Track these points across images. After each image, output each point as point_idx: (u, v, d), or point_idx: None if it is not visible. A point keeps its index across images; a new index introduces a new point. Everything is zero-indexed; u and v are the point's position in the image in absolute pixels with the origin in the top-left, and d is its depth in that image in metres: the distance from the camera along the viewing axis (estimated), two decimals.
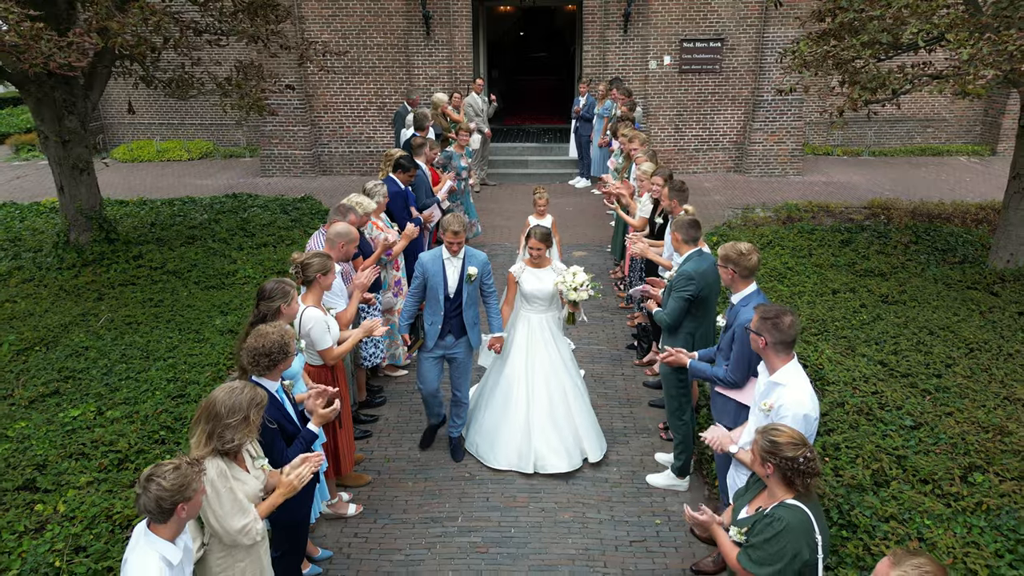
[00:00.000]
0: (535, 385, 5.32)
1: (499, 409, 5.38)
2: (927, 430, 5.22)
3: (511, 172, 13.53)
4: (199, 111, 16.17)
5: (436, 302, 5.09)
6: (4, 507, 4.62)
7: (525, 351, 5.35)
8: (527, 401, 5.30)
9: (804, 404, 3.21)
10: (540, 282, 5.27)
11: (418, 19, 12.99)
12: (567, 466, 5.22)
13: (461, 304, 5.14)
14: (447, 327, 5.15)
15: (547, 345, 5.36)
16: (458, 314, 5.16)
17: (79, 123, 8.06)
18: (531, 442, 5.27)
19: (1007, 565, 4.00)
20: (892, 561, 2.21)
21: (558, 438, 5.27)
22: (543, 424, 5.27)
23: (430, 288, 5.10)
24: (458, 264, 5.08)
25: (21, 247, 9.14)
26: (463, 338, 5.23)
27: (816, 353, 6.26)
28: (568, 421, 5.31)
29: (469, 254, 5.16)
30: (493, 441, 5.37)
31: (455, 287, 5.10)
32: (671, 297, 4.83)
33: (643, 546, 4.67)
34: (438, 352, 5.24)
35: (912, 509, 4.42)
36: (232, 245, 9.19)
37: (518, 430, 5.29)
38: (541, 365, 5.33)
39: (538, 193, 7.29)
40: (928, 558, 2.17)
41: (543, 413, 5.29)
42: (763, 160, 13.39)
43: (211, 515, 2.89)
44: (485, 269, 5.20)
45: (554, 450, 5.25)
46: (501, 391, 5.40)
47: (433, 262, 5.08)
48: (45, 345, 6.70)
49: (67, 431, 5.36)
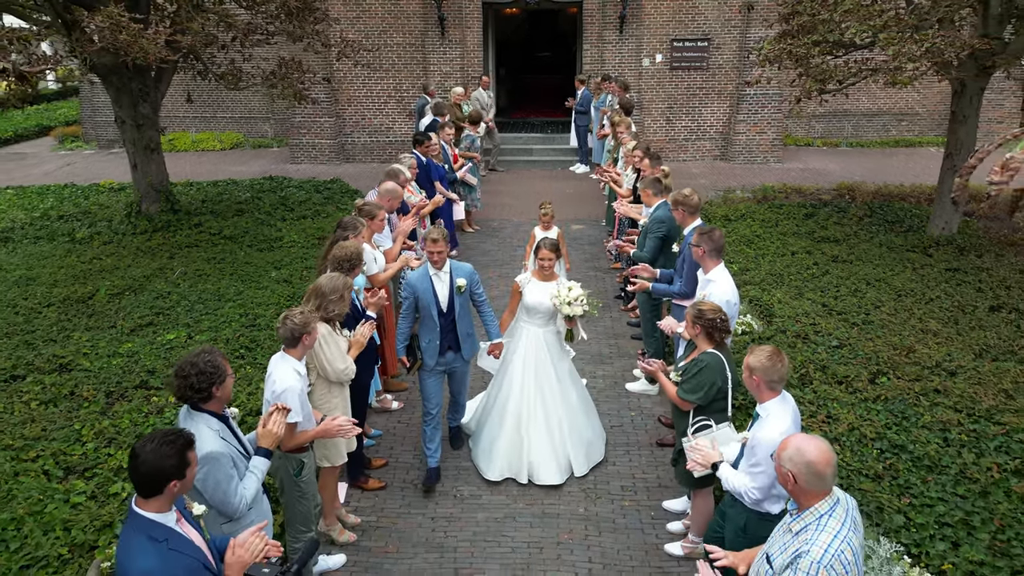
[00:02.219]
0: (532, 400, 5.35)
1: (496, 423, 5.45)
2: (848, 349, 6.59)
3: (518, 159, 14.90)
4: (229, 105, 17.58)
5: (431, 320, 5.10)
6: (129, 401, 6.01)
7: (522, 366, 5.39)
8: (524, 416, 5.34)
9: (727, 293, 4.60)
10: (544, 295, 5.26)
11: (434, 21, 14.38)
12: (559, 479, 5.31)
13: (454, 318, 5.17)
14: (446, 342, 5.17)
15: (545, 360, 5.37)
16: (453, 328, 5.18)
17: (151, 110, 9.48)
18: (526, 456, 5.33)
19: (891, 432, 5.36)
20: (749, 351, 3.56)
21: (552, 452, 5.33)
22: (539, 438, 5.32)
23: (423, 307, 5.09)
24: (446, 279, 5.09)
25: (94, 218, 10.57)
26: (460, 352, 5.28)
27: (769, 296, 7.63)
28: (562, 436, 5.37)
29: (455, 267, 5.18)
30: (490, 453, 5.43)
31: (447, 301, 5.11)
32: (647, 239, 6.20)
33: (620, 430, 6.04)
34: (439, 369, 5.29)
35: (825, 398, 5.79)
36: (275, 217, 10.60)
37: (514, 443, 5.35)
38: (539, 380, 5.35)
39: (544, 208, 7.12)
40: (774, 348, 3.52)
41: (539, 428, 5.33)
42: (746, 149, 14.74)
43: (323, 358, 4.27)
44: (473, 279, 5.23)
45: (547, 463, 5.32)
46: (499, 405, 5.46)
47: (421, 280, 5.06)
48: (133, 291, 8.10)
49: (166, 349, 6.77)
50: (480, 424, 5.65)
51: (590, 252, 10.07)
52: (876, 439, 5.29)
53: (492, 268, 9.43)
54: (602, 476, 5.50)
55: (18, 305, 7.72)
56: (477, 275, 5.30)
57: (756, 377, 3.41)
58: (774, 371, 3.36)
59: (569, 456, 5.37)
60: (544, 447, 5.31)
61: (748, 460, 3.44)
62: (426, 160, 8.17)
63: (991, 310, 7.48)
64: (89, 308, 7.67)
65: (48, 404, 5.91)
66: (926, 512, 4.57)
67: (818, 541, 2.56)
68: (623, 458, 5.69)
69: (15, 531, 4.47)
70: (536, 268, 5.32)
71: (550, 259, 5.21)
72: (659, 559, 4.68)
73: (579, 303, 5.12)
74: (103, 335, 7.06)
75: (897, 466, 5.03)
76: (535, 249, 5.40)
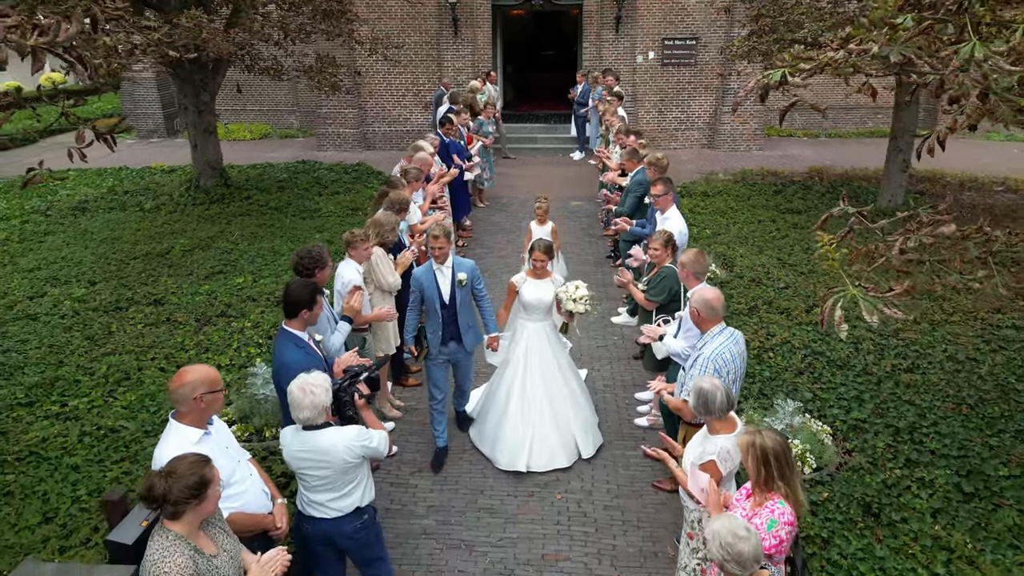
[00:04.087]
0: (533, 391, 5.60)
1: (500, 414, 5.68)
2: (792, 290, 8.11)
3: (524, 147, 16.43)
4: (258, 98, 19.13)
5: (434, 312, 5.40)
6: (215, 325, 7.56)
7: (523, 359, 5.64)
8: (526, 406, 5.58)
9: (679, 226, 6.13)
10: (540, 292, 5.51)
11: (448, 21, 15.92)
12: (564, 462, 5.57)
13: (456, 310, 5.45)
14: (447, 333, 5.46)
15: (544, 353, 5.64)
16: (454, 320, 5.46)
17: (209, 98, 11.04)
18: (529, 444, 5.55)
19: (815, 344, 6.87)
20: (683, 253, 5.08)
21: (554, 439, 5.59)
22: (542, 427, 5.58)
23: (427, 300, 5.39)
24: (448, 273, 5.38)
25: (157, 192, 12.15)
26: (462, 343, 5.56)
27: (733, 252, 9.16)
28: (564, 423, 5.65)
29: (457, 262, 5.46)
30: (495, 443, 5.67)
31: (448, 294, 5.38)
32: (627, 198, 7.73)
33: (605, 349, 7.55)
34: (443, 358, 5.58)
35: (768, 322, 7.30)
36: (312, 192, 12.16)
37: (517, 433, 5.58)
38: (538, 372, 5.62)
39: (539, 202, 7.49)
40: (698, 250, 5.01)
41: (540, 417, 5.58)
42: (730, 138, 16.23)
43: (379, 273, 5.78)
44: (474, 274, 5.50)
45: (550, 450, 5.58)
46: (502, 396, 5.70)
47: (426, 275, 5.36)
48: (201, 248, 9.66)
49: (237, 289, 8.32)
50: (484, 415, 5.88)
51: (585, 223, 11.56)
52: (802, 348, 6.82)
53: (500, 235, 10.94)
54: (590, 380, 7.01)
55: (109, 258, 9.29)
56: (478, 271, 5.57)
57: (686, 270, 4.92)
58: (698, 264, 4.87)
59: (576, 439, 5.67)
60: (551, 434, 5.57)
61: (683, 328, 4.95)
62: (447, 140, 9.70)
63: (917, 263, 8.96)
64: (168, 261, 9.23)
65: (151, 326, 7.47)
66: (830, 391, 6.09)
67: (709, 346, 4.10)
68: (606, 367, 7.21)
69: (151, 401, 6.03)
70: (531, 268, 5.58)
71: (543, 260, 5.47)
72: (630, 429, 6.18)
73: (583, 302, 5.42)
74: (184, 280, 8.62)
75: (815, 365, 6.55)
76: (529, 250, 5.63)
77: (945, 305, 7.79)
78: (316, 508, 3.66)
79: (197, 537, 2.83)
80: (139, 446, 5.45)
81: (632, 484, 5.46)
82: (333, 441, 3.52)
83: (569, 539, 4.93)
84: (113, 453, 5.39)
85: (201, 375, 3.26)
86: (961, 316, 7.55)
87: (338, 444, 3.52)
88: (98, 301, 7.97)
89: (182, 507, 2.74)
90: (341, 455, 3.52)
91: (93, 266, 9.00)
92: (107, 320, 7.56)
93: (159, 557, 2.70)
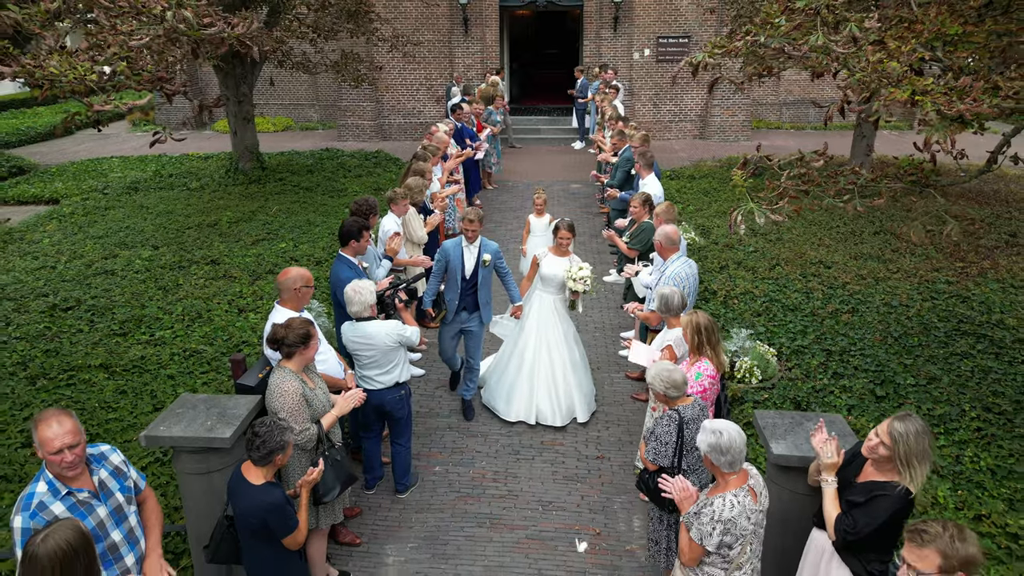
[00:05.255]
0: (541, 356, 6.20)
1: (513, 374, 6.28)
2: (760, 253, 9.39)
3: (529, 137, 17.75)
4: (280, 93, 20.47)
5: (455, 282, 5.97)
6: (265, 279, 8.87)
7: (536, 326, 6.23)
8: (535, 368, 6.20)
9: (655, 189, 7.43)
10: (558, 267, 6.06)
11: (459, 21, 17.23)
12: (560, 422, 6.20)
13: (476, 285, 5.97)
14: (463, 303, 6.04)
15: (554, 323, 6.23)
16: (473, 293, 6.00)
17: (248, 89, 12.38)
18: (535, 401, 6.20)
19: (773, 293, 8.15)
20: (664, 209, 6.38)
21: (556, 400, 6.21)
22: (547, 387, 6.20)
23: (450, 271, 5.96)
24: (474, 252, 5.94)
25: (198, 175, 13.51)
26: (476, 313, 6.09)
27: (711, 223, 10.45)
28: (565, 387, 6.24)
29: (484, 243, 6.01)
30: (508, 399, 6.30)
31: (471, 270, 5.94)
32: (617, 172, 9.05)
33: (596, 302, 8.84)
34: (456, 325, 6.14)
35: (735, 278, 8.59)
36: (338, 175, 13.50)
37: (527, 391, 6.22)
38: (548, 340, 6.22)
39: (537, 195, 8.12)
40: (669, 203, 6.31)
41: (547, 379, 6.19)
42: (720, 129, 17.50)
43: (411, 228, 7.09)
44: (498, 255, 6.07)
45: (552, 408, 6.21)
46: (515, 359, 6.28)
47: (454, 249, 5.95)
48: (245, 220, 10.99)
49: (281, 252, 9.64)
50: (496, 373, 6.48)
51: (584, 202, 12.86)
52: (761, 296, 8.11)
53: (506, 212, 12.24)
54: (582, 321, 8.30)
55: (167, 228, 10.65)
56: (501, 252, 6.15)
57: (660, 218, 6.23)
58: (669, 213, 6.18)
59: (573, 403, 6.25)
60: (549, 395, 6.20)
61: (656, 268, 6.25)
62: (460, 125, 11.01)
63: (873, 234, 10.26)
64: (218, 230, 10.57)
65: (212, 280, 8.80)
66: (780, 327, 7.38)
67: (670, 268, 5.42)
68: (597, 314, 8.51)
69: (222, 333, 7.36)
70: (555, 245, 6.14)
71: (568, 238, 6.00)
72: (616, 358, 7.48)
73: (583, 282, 5.94)
74: (234, 245, 9.95)
75: (771, 308, 7.84)
76: (554, 229, 6.17)
77: (890, 265, 9.06)
78: (367, 382, 4.97)
79: (302, 375, 4.15)
80: (219, 362, 6.77)
81: (614, 396, 6.78)
82: (377, 329, 4.82)
83: (563, 432, 6.24)
84: (198, 367, 6.72)
85: (300, 272, 4.59)
86: (902, 274, 8.82)
87: (380, 332, 4.82)
88: (164, 261, 9.32)
89: (293, 349, 4.05)
90: (383, 339, 4.81)
91: (154, 234, 10.36)
92: (174, 275, 8.89)
93: (279, 382, 4.01)
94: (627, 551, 4.92)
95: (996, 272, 8.83)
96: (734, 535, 3.30)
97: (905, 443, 3.07)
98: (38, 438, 2.88)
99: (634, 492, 5.43)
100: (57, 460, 2.86)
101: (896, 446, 3.09)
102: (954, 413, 5.91)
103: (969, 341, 7.08)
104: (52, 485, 2.94)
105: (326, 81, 18.78)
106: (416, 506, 5.35)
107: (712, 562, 3.41)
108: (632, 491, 5.46)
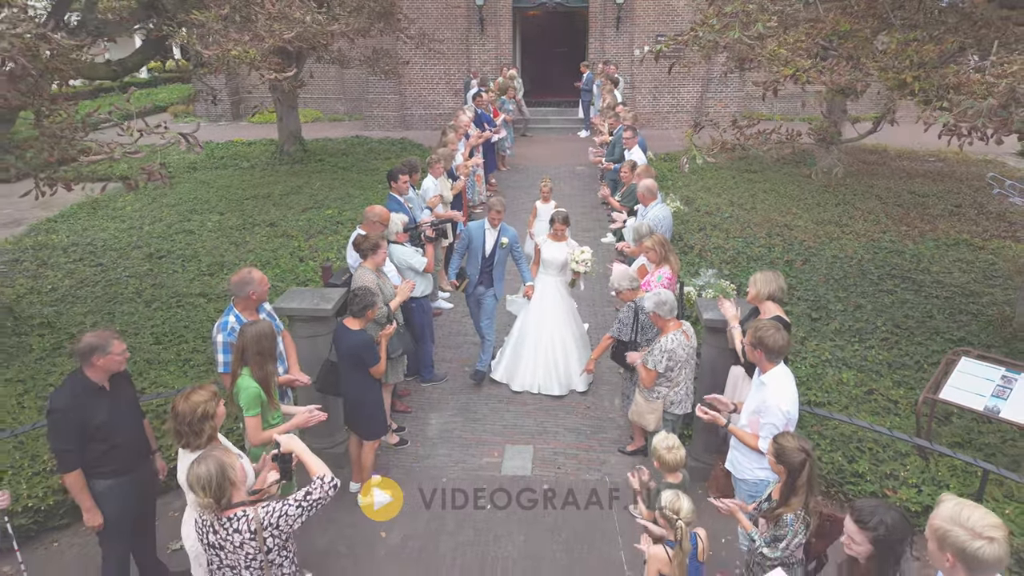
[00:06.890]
0: (544, 332, 6.97)
1: (519, 349, 7.06)
2: (734, 218, 11.04)
3: (539, 127, 19.46)
4: (309, 87, 22.10)
5: (476, 260, 6.86)
6: (318, 237, 10.61)
7: (540, 305, 7.02)
8: (539, 343, 6.96)
9: (640, 157, 9.10)
10: (556, 251, 6.92)
11: (476, 20, 18.94)
12: (559, 392, 6.93)
13: (493, 264, 6.88)
14: (481, 279, 6.92)
15: (556, 303, 7.00)
16: (489, 270, 6.90)
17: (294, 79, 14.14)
18: (538, 373, 6.97)
19: (739, 248, 9.79)
20: None
21: (558, 372, 6.95)
22: (549, 361, 6.94)
23: (472, 249, 6.86)
24: (495, 235, 6.81)
25: (247, 158, 15.33)
26: (491, 289, 6.96)
27: (695, 195, 12.11)
28: (566, 361, 6.97)
29: (504, 228, 6.81)
30: (514, 371, 7.10)
31: (491, 250, 6.84)
32: (613, 149, 10.72)
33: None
34: (475, 297, 7.05)
35: (710, 235, 10.24)
36: (370, 158, 15.27)
37: (531, 364, 6.99)
38: (551, 318, 6.98)
39: (544, 183, 9.07)
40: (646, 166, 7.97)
41: (549, 353, 6.93)
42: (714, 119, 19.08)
43: (442, 189, 8.82)
44: (515, 240, 6.85)
45: (554, 380, 6.95)
46: (522, 336, 7.06)
47: (477, 230, 6.83)
48: (294, 193, 12.74)
49: (328, 217, 11.39)
50: (507, 345, 7.27)
51: (587, 181, 14.53)
52: (731, 250, 9.76)
53: (519, 190, 13.92)
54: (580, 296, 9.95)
55: (228, 198, 12.44)
56: (518, 237, 7.00)
57: (641, 175, 7.89)
58: (649, 172, 7.84)
59: (572, 376, 6.99)
60: (550, 367, 6.94)
61: (641, 214, 7.92)
62: (479, 111, 12.73)
63: (835, 205, 11.88)
64: (272, 200, 12.35)
65: (273, 238, 10.55)
66: (742, 271, 9.03)
67: (651, 213, 7.10)
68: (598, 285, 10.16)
69: (289, 273, 9.11)
70: (552, 232, 6.99)
71: (562, 228, 6.91)
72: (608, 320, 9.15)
73: (584, 264, 6.78)
74: (287, 212, 11.72)
75: (737, 260, 9.49)
76: (550, 220, 7.00)
77: (844, 229, 10.68)
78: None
79: (376, 272, 5.87)
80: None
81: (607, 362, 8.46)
82: (395, 249, 6.54)
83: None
84: (275, 296, 8.46)
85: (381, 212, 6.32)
86: (854, 235, 10.45)
87: (396, 251, 6.54)
88: (231, 223, 11.10)
89: (370, 253, 5.76)
90: (398, 256, 6.54)
91: (218, 203, 12.15)
92: (241, 234, 10.67)
93: (361, 275, 5.73)
94: (609, 418, 6.63)
95: (935, 234, 10.44)
96: (675, 361, 5.02)
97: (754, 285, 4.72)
98: (256, 282, 4.66)
99: (616, 384, 7.11)
100: (263, 291, 4.68)
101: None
102: (869, 328, 7.56)
103: (895, 282, 8.72)
104: (239, 317, 4.67)
105: (352, 75, 20.52)
106: (451, 389, 7.09)
107: (660, 383, 5.14)
108: (615, 380, 7.15)
